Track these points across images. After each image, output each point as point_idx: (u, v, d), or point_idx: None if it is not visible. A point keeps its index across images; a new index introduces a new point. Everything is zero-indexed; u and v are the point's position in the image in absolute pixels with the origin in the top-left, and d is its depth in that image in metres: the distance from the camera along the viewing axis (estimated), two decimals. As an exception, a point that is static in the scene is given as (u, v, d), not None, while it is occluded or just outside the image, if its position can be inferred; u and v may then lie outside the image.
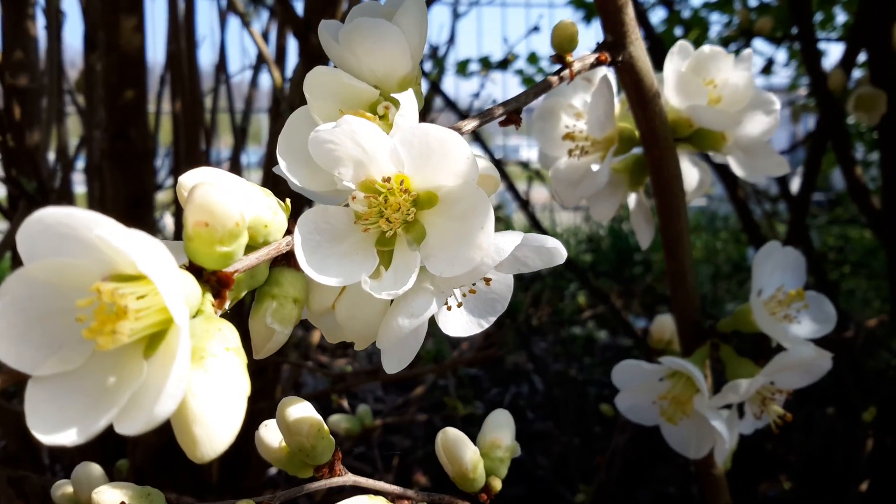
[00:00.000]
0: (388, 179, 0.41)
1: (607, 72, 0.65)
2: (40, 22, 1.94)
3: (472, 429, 0.53)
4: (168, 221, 2.74)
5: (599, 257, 3.22)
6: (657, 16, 2.46)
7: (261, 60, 2.12)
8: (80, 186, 2.48)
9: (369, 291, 0.39)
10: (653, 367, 0.69)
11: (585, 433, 2.40)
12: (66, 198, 1.93)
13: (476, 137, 2.35)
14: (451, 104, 2.36)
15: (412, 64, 0.47)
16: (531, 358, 2.54)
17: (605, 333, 3.00)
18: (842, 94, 1.40)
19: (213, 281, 0.34)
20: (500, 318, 1.70)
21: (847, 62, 1.43)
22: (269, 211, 0.40)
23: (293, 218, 0.43)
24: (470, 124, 0.50)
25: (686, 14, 2.30)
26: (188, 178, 0.37)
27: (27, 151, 1.48)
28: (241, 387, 0.31)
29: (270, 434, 0.51)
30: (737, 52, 1.89)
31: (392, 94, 0.46)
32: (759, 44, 2.49)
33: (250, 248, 0.39)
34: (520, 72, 2.19)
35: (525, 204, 2.17)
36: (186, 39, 1.96)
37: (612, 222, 4.60)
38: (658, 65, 1.71)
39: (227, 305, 0.36)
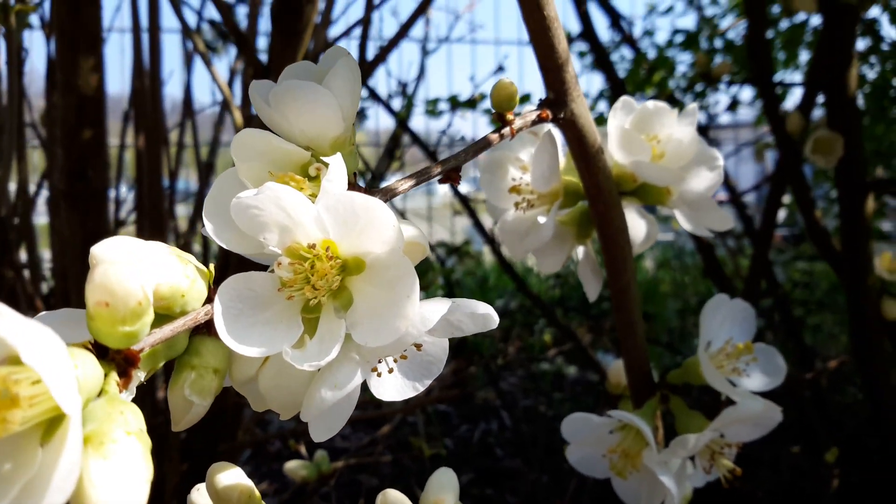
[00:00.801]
0: (314, 245, 0.40)
1: (552, 126, 0.65)
2: (3, 56, 1.92)
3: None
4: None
5: (568, 292, 3.23)
6: (621, 54, 2.48)
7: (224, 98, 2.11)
8: (42, 217, 2.46)
9: (291, 362, 0.38)
10: (602, 421, 0.69)
11: (555, 470, 2.39)
12: (26, 233, 1.90)
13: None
14: (418, 141, 2.37)
15: (344, 125, 0.46)
16: (499, 394, 2.53)
17: (575, 369, 2.99)
18: (801, 136, 1.42)
19: (118, 359, 0.33)
20: (469, 356, 1.68)
21: (805, 105, 1.45)
22: (187, 279, 0.39)
23: (221, 279, 0.42)
24: (406, 184, 0.50)
25: (652, 53, 2.33)
26: (99, 250, 0.36)
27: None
28: (142, 474, 0.30)
29: (201, 499, 0.50)
30: (701, 94, 1.91)
31: (323, 157, 0.46)
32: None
33: (167, 318, 0.38)
34: (488, 111, 2.19)
35: (491, 241, 2.18)
36: (151, 77, 1.96)
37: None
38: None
39: (134, 385, 0.34)
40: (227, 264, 1.41)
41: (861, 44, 2.08)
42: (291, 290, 0.41)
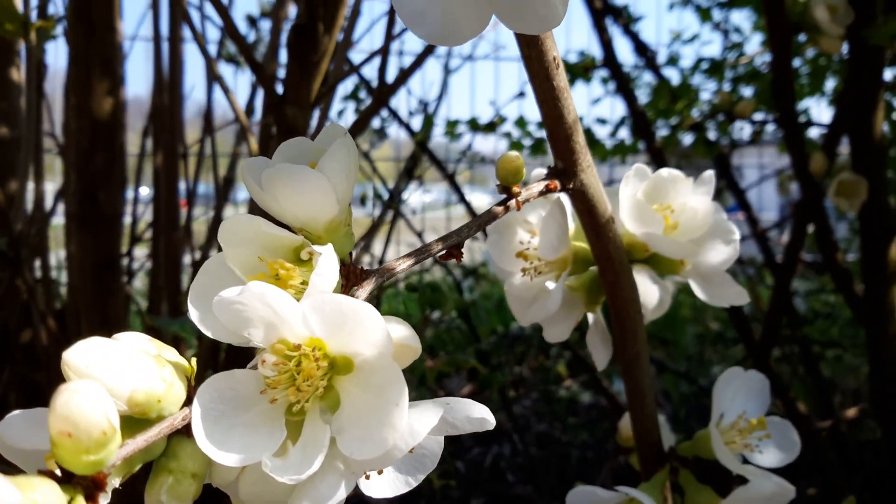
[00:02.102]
0: (300, 346, 0.39)
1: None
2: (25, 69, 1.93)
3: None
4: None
5: (584, 319, 3.20)
6: (645, 80, 2.46)
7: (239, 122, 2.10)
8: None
9: (271, 474, 0.36)
10: (608, 495, 0.66)
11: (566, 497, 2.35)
12: (41, 249, 1.90)
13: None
14: (437, 162, 2.35)
15: (339, 208, 0.44)
16: (511, 418, 2.50)
17: (589, 394, 2.96)
18: (824, 177, 1.39)
19: (85, 483, 0.32)
20: (482, 380, 1.65)
21: (829, 146, 1.41)
22: (164, 383, 0.37)
23: (205, 369, 0.40)
24: (403, 263, 0.48)
25: (675, 79, 2.29)
26: (71, 357, 0.34)
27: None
28: None
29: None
30: (724, 125, 1.87)
31: (315, 245, 0.44)
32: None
33: (144, 423, 0.37)
34: (507, 135, 2.17)
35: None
36: (171, 94, 1.95)
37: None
38: (642, 134, 1.69)
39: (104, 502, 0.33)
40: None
41: (889, 73, 2.05)
42: (275, 391, 0.39)
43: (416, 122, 3.03)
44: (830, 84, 2.35)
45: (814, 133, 2.65)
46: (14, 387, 1.77)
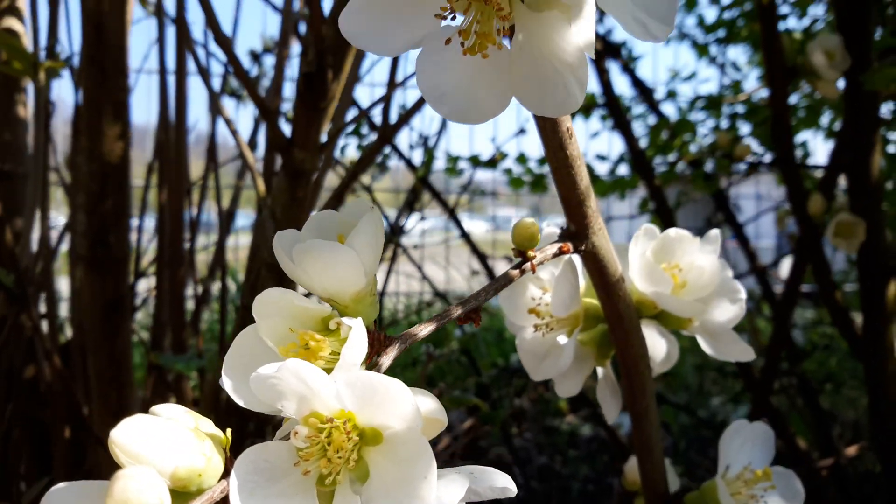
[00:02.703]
0: (331, 419, 0.40)
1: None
2: (32, 104, 1.95)
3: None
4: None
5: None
6: (644, 117, 2.50)
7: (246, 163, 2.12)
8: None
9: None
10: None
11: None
12: (46, 285, 1.92)
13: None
14: (437, 196, 2.37)
15: (366, 280, 0.46)
16: (511, 451, 2.51)
17: (590, 427, 2.97)
18: (822, 218, 1.41)
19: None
20: (483, 417, 1.66)
21: (827, 187, 1.44)
22: (203, 458, 0.39)
23: (237, 442, 0.42)
24: (426, 329, 0.50)
25: (674, 114, 2.33)
26: (119, 436, 0.36)
27: (4, 243, 1.48)
28: None
29: None
30: (722, 162, 1.89)
31: (342, 314, 0.46)
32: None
33: (185, 496, 0.38)
34: (508, 171, 2.20)
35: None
36: (176, 131, 1.98)
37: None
38: (642, 172, 1.71)
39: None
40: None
41: (885, 108, 2.08)
42: (308, 463, 0.40)
43: (417, 156, 3.06)
44: (827, 116, 2.39)
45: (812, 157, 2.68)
46: (18, 423, 1.78)
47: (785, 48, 1.34)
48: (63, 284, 2.18)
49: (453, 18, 0.43)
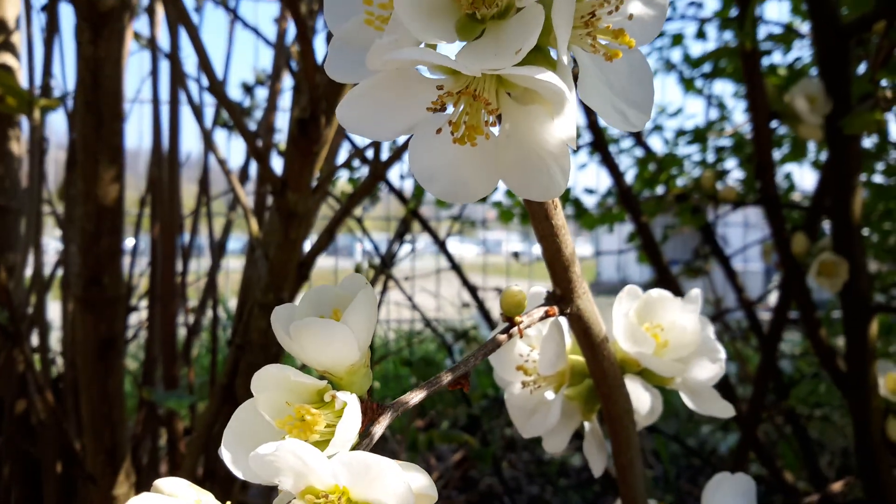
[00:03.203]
0: (326, 494, 0.42)
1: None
2: (26, 137, 1.97)
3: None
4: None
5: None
6: (632, 153, 2.55)
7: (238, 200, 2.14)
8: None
9: None
10: None
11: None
12: (39, 319, 1.92)
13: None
14: (428, 228, 2.39)
15: (360, 354, 0.48)
16: (502, 482, 2.52)
17: (580, 457, 2.98)
18: (805, 257, 1.44)
19: None
20: (475, 454, 1.67)
21: (810, 227, 1.47)
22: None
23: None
24: (416, 396, 0.52)
25: (660, 146, 2.36)
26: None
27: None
28: None
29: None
30: (708, 195, 1.91)
31: (336, 387, 0.48)
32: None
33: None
34: (497, 204, 2.23)
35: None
36: (169, 168, 2.00)
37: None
38: (629, 208, 1.73)
39: None
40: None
41: (868, 141, 2.12)
42: (304, 538, 0.42)
43: (408, 185, 3.08)
44: (813, 145, 2.43)
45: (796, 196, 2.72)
46: (9, 458, 1.78)
47: (768, 93, 1.37)
48: (54, 308, 2.18)
49: (444, 109, 0.45)
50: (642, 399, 0.71)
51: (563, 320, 0.66)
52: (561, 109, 0.43)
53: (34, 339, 1.92)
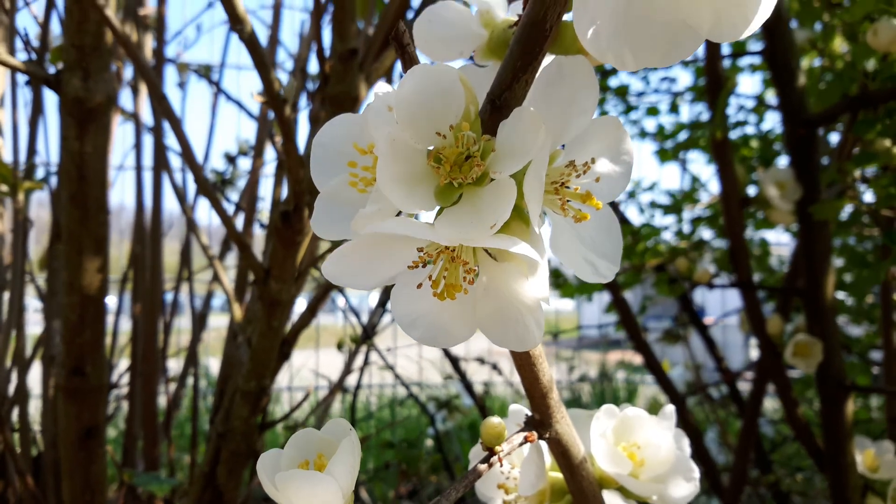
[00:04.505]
0: None
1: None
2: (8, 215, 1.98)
3: None
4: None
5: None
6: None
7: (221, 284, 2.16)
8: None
9: None
10: None
11: None
12: (21, 399, 1.92)
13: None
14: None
15: (343, 501, 0.50)
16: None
17: None
18: (780, 338, 1.47)
19: None
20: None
21: (784, 309, 1.50)
22: None
23: None
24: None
25: (634, 212, 2.40)
26: None
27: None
28: None
29: None
30: (686, 270, 1.93)
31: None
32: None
33: None
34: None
35: (482, 406, 2.19)
36: (152, 247, 2.01)
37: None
38: (607, 284, 1.75)
39: None
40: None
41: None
42: None
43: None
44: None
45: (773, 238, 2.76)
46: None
47: (739, 179, 1.41)
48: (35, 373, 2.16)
49: (424, 266, 0.47)
50: (620, 510, 0.72)
51: (544, 443, 0.68)
52: (534, 272, 0.45)
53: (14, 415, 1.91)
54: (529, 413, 0.64)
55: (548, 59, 0.49)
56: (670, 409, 0.70)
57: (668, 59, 0.41)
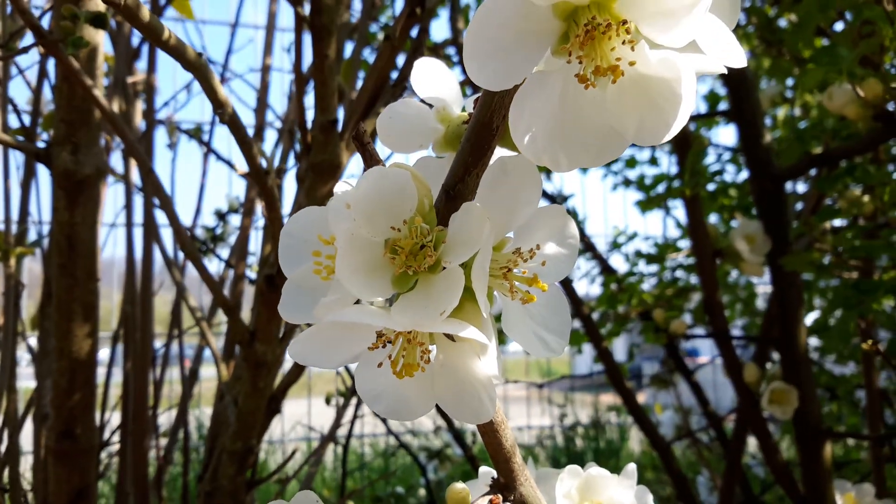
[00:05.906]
0: None
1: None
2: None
3: None
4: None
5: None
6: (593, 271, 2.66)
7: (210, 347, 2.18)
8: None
9: None
10: None
11: None
12: (12, 455, 1.93)
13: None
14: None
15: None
16: None
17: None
18: (757, 386, 1.50)
19: None
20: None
21: (760, 357, 1.54)
22: None
23: None
24: None
25: (619, 261, 2.44)
26: None
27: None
28: None
29: None
30: (659, 339, 1.97)
31: None
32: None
33: None
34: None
35: (471, 458, 2.21)
36: (142, 305, 2.04)
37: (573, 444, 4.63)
38: (590, 335, 1.79)
39: None
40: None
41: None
42: None
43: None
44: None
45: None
46: None
47: (711, 233, 1.45)
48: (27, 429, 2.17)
49: (384, 346, 0.51)
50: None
51: None
52: (484, 352, 0.49)
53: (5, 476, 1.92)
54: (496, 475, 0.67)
55: (498, 153, 0.53)
56: (632, 467, 0.73)
57: (598, 161, 0.45)
